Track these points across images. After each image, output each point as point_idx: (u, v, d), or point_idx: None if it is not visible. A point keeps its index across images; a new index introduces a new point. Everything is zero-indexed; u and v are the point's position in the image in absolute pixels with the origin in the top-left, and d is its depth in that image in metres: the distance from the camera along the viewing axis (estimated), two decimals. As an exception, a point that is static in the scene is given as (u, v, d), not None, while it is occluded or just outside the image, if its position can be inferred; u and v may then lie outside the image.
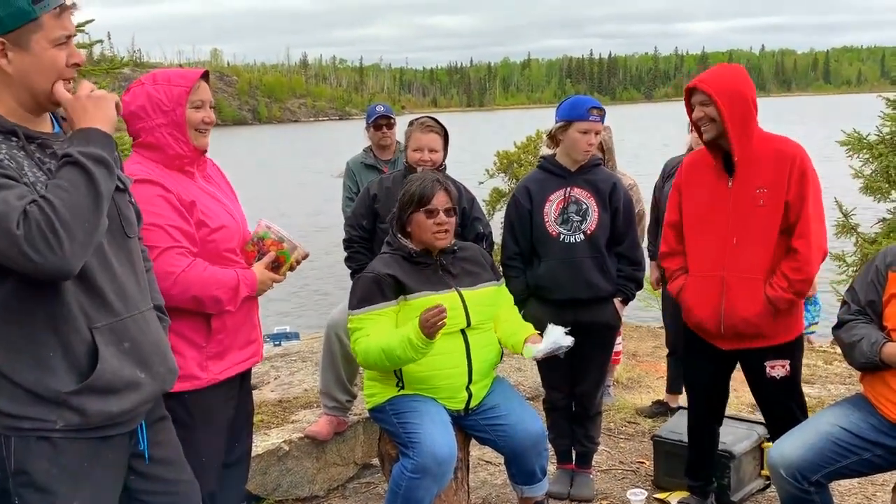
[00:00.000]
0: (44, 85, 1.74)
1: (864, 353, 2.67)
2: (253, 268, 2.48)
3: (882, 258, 2.76)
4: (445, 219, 2.98)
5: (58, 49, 1.74)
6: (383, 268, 2.97)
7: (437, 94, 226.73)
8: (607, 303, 3.46)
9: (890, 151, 6.94)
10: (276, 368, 4.93)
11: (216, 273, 2.35)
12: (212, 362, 2.42)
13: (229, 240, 2.45)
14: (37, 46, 1.70)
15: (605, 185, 3.44)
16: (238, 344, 2.50)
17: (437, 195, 2.97)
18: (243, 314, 2.49)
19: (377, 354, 2.81)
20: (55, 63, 1.74)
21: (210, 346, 2.41)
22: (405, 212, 3.01)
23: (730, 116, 2.88)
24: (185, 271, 2.28)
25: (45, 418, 1.71)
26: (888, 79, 8.29)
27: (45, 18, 1.70)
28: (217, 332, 2.42)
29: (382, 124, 4.61)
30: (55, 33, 1.72)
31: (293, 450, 3.66)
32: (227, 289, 2.36)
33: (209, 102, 2.46)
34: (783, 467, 2.71)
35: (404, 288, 2.92)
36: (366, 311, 2.91)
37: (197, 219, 2.36)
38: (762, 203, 2.94)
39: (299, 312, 13.79)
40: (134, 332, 1.84)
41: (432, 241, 2.99)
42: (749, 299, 2.96)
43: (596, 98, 3.58)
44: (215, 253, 2.40)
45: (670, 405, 4.67)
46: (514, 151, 10.17)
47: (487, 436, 3.05)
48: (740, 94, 2.91)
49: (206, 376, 2.41)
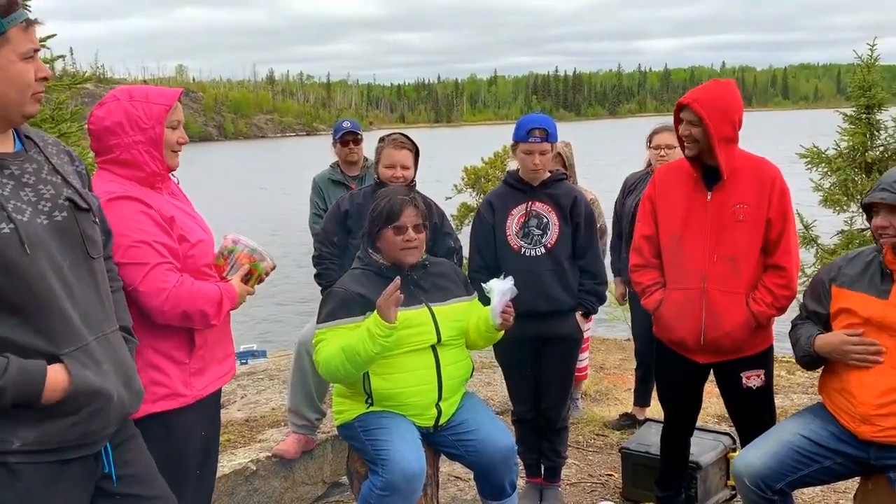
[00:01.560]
0: (14, 98, 1.73)
1: (802, 348, 2.78)
2: (231, 281, 2.46)
3: (827, 272, 2.84)
4: (414, 235, 2.98)
5: (25, 62, 1.72)
6: (353, 285, 2.96)
7: (404, 109, 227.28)
8: (568, 316, 3.49)
9: (847, 165, 7.12)
10: (242, 387, 4.87)
11: (202, 288, 2.33)
12: (195, 379, 2.39)
13: (206, 254, 2.45)
14: (4, 60, 1.69)
15: (567, 199, 3.48)
16: (216, 358, 2.48)
17: (406, 211, 2.98)
18: (220, 328, 2.47)
19: (338, 357, 2.78)
20: (24, 76, 1.72)
21: (192, 362, 2.38)
22: (374, 227, 3.01)
23: (718, 138, 2.90)
24: (176, 287, 2.25)
25: (1, 439, 1.66)
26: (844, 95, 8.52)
27: (13, 32, 1.69)
28: (199, 347, 2.39)
29: (349, 140, 4.61)
30: (23, 47, 1.71)
31: (260, 469, 3.62)
32: (212, 303, 2.34)
33: (182, 122, 2.46)
34: (747, 477, 2.74)
35: (373, 305, 2.92)
36: (332, 325, 2.90)
37: (178, 234, 2.34)
38: (742, 218, 2.97)
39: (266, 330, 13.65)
40: (98, 355, 1.80)
41: (401, 258, 2.99)
42: (732, 314, 2.98)
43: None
44: (195, 268, 2.38)
45: (638, 417, 4.71)
46: (482, 167, 10.27)
47: (457, 451, 3.04)
48: (729, 117, 2.93)
49: (191, 393, 2.37)
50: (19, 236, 1.66)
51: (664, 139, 4.44)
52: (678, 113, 3.04)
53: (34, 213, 1.72)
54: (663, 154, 4.40)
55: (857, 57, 7.20)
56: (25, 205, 1.71)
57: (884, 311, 2.60)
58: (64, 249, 1.76)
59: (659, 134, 4.49)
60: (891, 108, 7.32)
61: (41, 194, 1.76)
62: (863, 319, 2.64)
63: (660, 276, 3.18)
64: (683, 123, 3.00)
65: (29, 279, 1.67)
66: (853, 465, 2.71)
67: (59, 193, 1.80)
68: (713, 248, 3.01)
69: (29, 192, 1.74)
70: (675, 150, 4.37)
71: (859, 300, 2.67)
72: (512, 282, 2.97)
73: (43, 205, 1.75)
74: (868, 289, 2.66)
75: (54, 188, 1.80)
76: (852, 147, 7.21)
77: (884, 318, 2.59)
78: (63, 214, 1.78)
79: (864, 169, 7.11)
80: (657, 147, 4.45)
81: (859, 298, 2.67)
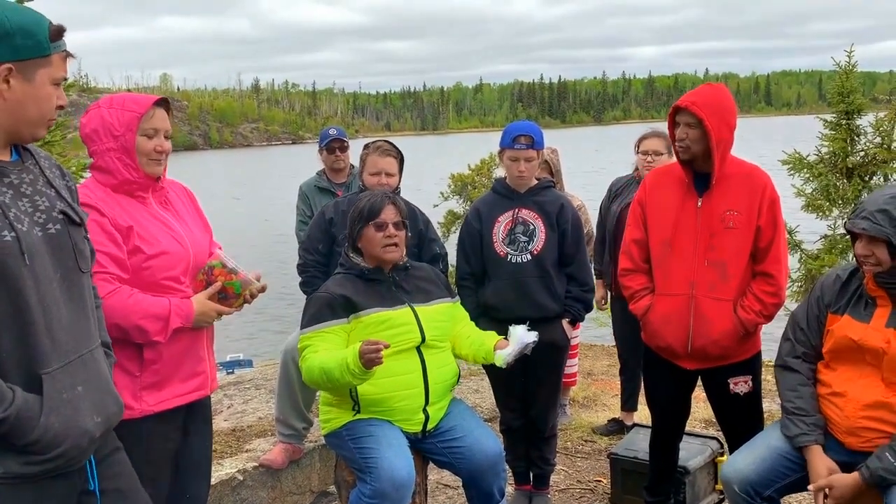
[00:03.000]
0: (34, 117, 1.76)
1: (787, 428, 2.73)
2: (193, 298, 2.40)
3: (820, 293, 2.81)
4: (394, 231, 2.98)
5: (54, 88, 1.78)
6: (335, 288, 2.96)
7: (390, 117, 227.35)
8: (555, 323, 3.49)
9: (829, 171, 7.19)
10: (229, 397, 4.84)
11: (142, 301, 2.27)
12: (147, 392, 2.34)
13: (171, 267, 2.36)
14: (40, 80, 1.75)
15: (553, 206, 3.48)
16: (179, 376, 2.41)
17: (386, 209, 2.99)
18: (184, 345, 2.40)
19: (319, 374, 2.77)
20: (50, 101, 1.78)
21: (144, 376, 2.33)
22: (355, 228, 3.01)
23: (716, 140, 2.90)
24: (107, 298, 2.20)
25: None
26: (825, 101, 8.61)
27: (55, 58, 1.77)
28: (151, 362, 2.33)
29: (336, 147, 4.61)
30: (58, 73, 1.78)
31: (247, 479, 3.59)
32: (153, 318, 2.27)
33: (164, 131, 2.40)
34: (736, 483, 2.75)
35: (356, 306, 2.91)
36: (316, 329, 2.89)
37: (132, 245, 2.29)
38: (732, 225, 2.97)
39: (252, 339, 13.58)
40: (83, 374, 1.79)
41: (382, 255, 2.98)
42: (719, 321, 2.98)
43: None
44: (152, 280, 2.32)
45: (626, 423, 4.72)
46: (468, 174, 10.29)
47: (445, 458, 3.03)
48: (727, 120, 2.94)
49: (140, 407, 2.32)
50: (20, 245, 1.66)
51: (652, 145, 4.46)
52: (673, 117, 3.03)
53: (31, 223, 1.72)
54: (651, 160, 4.42)
55: (836, 64, 7.28)
56: (23, 214, 1.72)
57: (864, 334, 2.62)
58: (56, 262, 1.76)
59: (647, 140, 4.51)
60: (869, 114, 7.41)
61: (37, 205, 1.76)
62: (847, 340, 2.66)
63: (649, 281, 3.18)
64: (680, 127, 2.98)
65: (23, 290, 1.66)
66: (841, 472, 2.72)
67: (54, 206, 1.80)
68: (702, 254, 3.01)
69: (26, 203, 1.74)
70: (662, 156, 4.40)
71: (846, 322, 2.69)
72: (536, 336, 2.99)
73: (38, 216, 1.75)
74: (853, 312, 2.68)
75: (49, 200, 1.80)
76: (833, 153, 7.28)
77: (864, 341, 2.62)
78: (57, 227, 1.78)
79: (845, 174, 7.19)
80: (645, 153, 4.48)
81: (846, 321, 2.69)
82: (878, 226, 2.51)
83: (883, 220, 2.51)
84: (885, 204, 2.53)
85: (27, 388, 1.67)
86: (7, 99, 1.71)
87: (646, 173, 4.39)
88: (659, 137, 4.48)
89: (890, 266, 2.55)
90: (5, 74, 1.69)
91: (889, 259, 2.54)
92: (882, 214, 2.52)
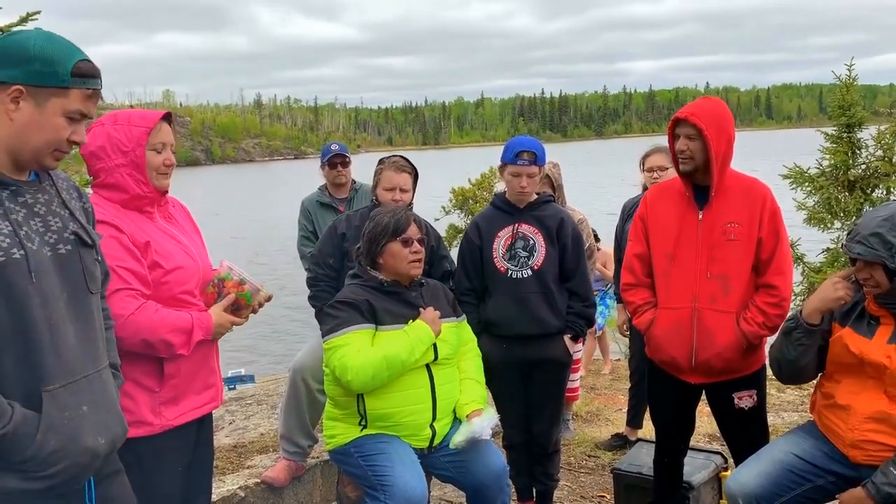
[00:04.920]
0: (36, 145, 1.76)
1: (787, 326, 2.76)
2: (210, 310, 2.42)
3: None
4: (419, 247, 2.99)
5: (66, 121, 1.77)
6: (358, 294, 2.94)
7: (392, 132, 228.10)
8: (556, 339, 3.46)
9: (831, 184, 7.18)
10: (230, 413, 4.83)
11: (168, 316, 2.30)
12: (165, 408, 2.35)
13: (185, 281, 2.40)
14: (50, 108, 1.74)
15: (553, 220, 3.47)
16: (195, 389, 2.43)
17: (412, 225, 3.00)
18: (200, 358, 2.43)
19: (380, 364, 2.77)
20: (57, 130, 1.77)
21: (163, 391, 2.35)
22: (378, 243, 3.00)
23: (716, 151, 2.91)
24: (135, 314, 2.22)
25: None
26: (826, 114, 8.61)
27: (74, 92, 1.76)
28: (170, 376, 2.35)
29: (337, 163, 4.62)
30: (73, 106, 1.77)
31: (249, 496, 3.57)
32: (179, 332, 2.30)
33: (170, 145, 2.44)
34: (741, 497, 2.73)
35: (377, 317, 2.91)
36: (346, 332, 2.85)
37: (151, 260, 2.32)
38: (733, 237, 2.97)
39: (254, 355, 13.56)
40: (89, 394, 1.79)
41: (408, 270, 2.99)
42: (722, 334, 2.97)
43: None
44: (169, 295, 2.35)
45: (629, 438, 4.69)
46: (469, 188, 10.30)
47: (449, 473, 3.02)
48: (726, 130, 2.95)
49: (160, 422, 2.33)
50: (28, 264, 1.68)
51: (657, 161, 4.46)
52: (673, 129, 3.04)
53: (41, 243, 1.74)
54: (657, 176, 4.42)
55: (836, 77, 7.30)
56: (34, 234, 1.74)
57: (866, 348, 2.62)
58: (64, 282, 1.77)
59: (651, 156, 4.51)
60: (871, 127, 7.42)
61: (49, 226, 1.78)
62: (849, 352, 2.66)
63: (651, 295, 3.17)
64: (680, 139, 2.98)
65: (29, 307, 1.67)
66: (845, 485, 2.70)
67: (66, 227, 1.82)
68: (704, 267, 3.00)
69: (38, 222, 1.77)
70: (667, 170, 4.39)
71: (848, 334, 2.69)
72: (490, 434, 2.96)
73: (49, 236, 1.77)
74: (856, 326, 2.68)
75: (62, 221, 1.82)
76: (835, 165, 7.28)
77: (864, 355, 2.61)
78: (67, 248, 1.80)
79: (847, 187, 7.18)
80: (650, 169, 4.47)
81: (848, 332, 2.69)
82: (872, 250, 2.51)
83: (877, 243, 2.50)
84: (877, 227, 2.52)
85: (28, 405, 1.67)
86: (14, 120, 1.72)
87: None
88: (662, 153, 4.49)
89: (889, 287, 2.54)
90: (15, 95, 1.71)
91: (887, 281, 2.53)
92: (875, 238, 2.51)
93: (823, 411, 2.79)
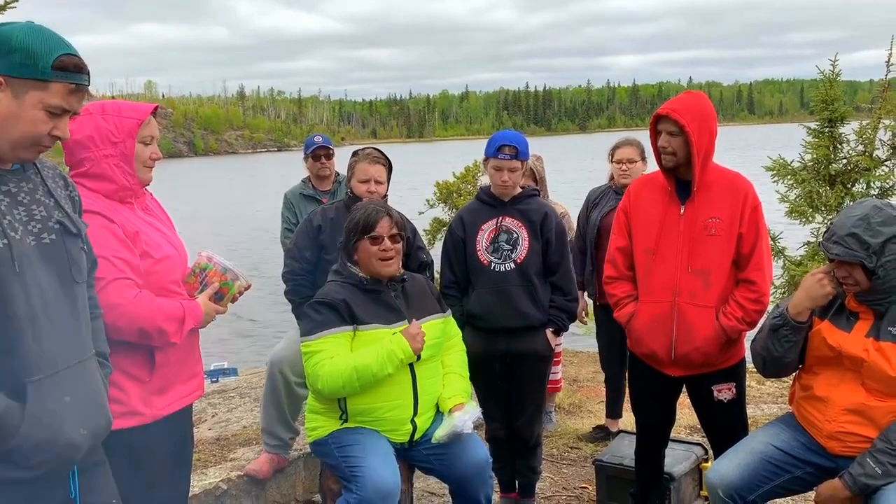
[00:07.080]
0: (13, 137, 1.72)
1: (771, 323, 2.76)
2: (198, 299, 2.43)
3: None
4: (390, 245, 2.97)
5: (46, 114, 1.74)
6: (338, 294, 2.93)
7: (376, 125, 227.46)
8: (539, 332, 3.47)
9: (812, 178, 7.25)
10: (213, 405, 4.81)
11: (162, 305, 2.30)
12: (155, 397, 2.35)
13: (172, 271, 2.41)
14: (29, 101, 1.71)
15: (537, 214, 3.48)
16: (181, 378, 2.44)
17: (382, 222, 2.98)
18: (187, 347, 2.44)
19: (349, 375, 2.77)
20: (35, 124, 1.73)
21: (153, 380, 2.34)
22: (351, 240, 3.00)
23: (698, 147, 2.92)
24: (132, 303, 2.22)
25: None
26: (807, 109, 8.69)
27: (55, 86, 1.72)
28: (161, 365, 2.35)
29: (321, 155, 4.60)
30: (53, 100, 1.73)
31: (231, 488, 3.56)
32: (173, 320, 2.31)
33: (157, 138, 2.45)
34: (721, 488, 2.76)
35: (356, 317, 2.90)
36: (323, 336, 2.85)
37: (141, 250, 2.31)
38: (714, 232, 2.98)
39: (237, 347, 13.50)
40: (73, 384, 1.78)
41: (378, 269, 2.97)
42: (702, 328, 2.99)
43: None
44: (158, 284, 2.35)
45: (611, 430, 4.73)
46: (454, 181, 10.28)
47: (431, 465, 3.03)
48: (708, 126, 2.96)
49: (150, 412, 2.33)
50: (11, 253, 1.66)
51: (626, 154, 4.48)
52: (655, 125, 3.05)
53: (24, 232, 1.73)
54: (625, 168, 4.45)
55: (820, 73, 7.36)
56: (18, 223, 1.72)
57: (843, 341, 2.65)
58: (48, 272, 1.76)
59: (620, 149, 4.54)
60: (852, 122, 7.49)
61: (32, 214, 1.77)
62: (827, 345, 2.69)
63: (633, 288, 3.19)
64: (662, 135, 2.99)
65: (12, 297, 1.66)
66: (823, 476, 2.73)
67: (50, 216, 1.80)
68: (685, 261, 3.01)
69: (22, 211, 1.75)
70: (636, 164, 4.43)
71: (826, 327, 2.72)
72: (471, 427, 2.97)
73: (33, 225, 1.75)
74: (835, 319, 2.71)
75: (46, 210, 1.80)
76: (816, 160, 7.35)
77: (842, 348, 2.64)
78: (52, 237, 1.78)
79: (828, 181, 7.25)
80: (619, 161, 4.50)
81: (826, 326, 2.72)
82: (849, 250, 2.53)
83: (854, 244, 2.53)
84: (853, 227, 2.54)
85: (12, 396, 1.66)
86: None
87: (621, 182, 4.42)
88: (632, 146, 4.51)
89: (869, 286, 2.57)
90: None
91: (866, 280, 2.56)
92: (852, 238, 2.53)
93: (802, 403, 2.82)
